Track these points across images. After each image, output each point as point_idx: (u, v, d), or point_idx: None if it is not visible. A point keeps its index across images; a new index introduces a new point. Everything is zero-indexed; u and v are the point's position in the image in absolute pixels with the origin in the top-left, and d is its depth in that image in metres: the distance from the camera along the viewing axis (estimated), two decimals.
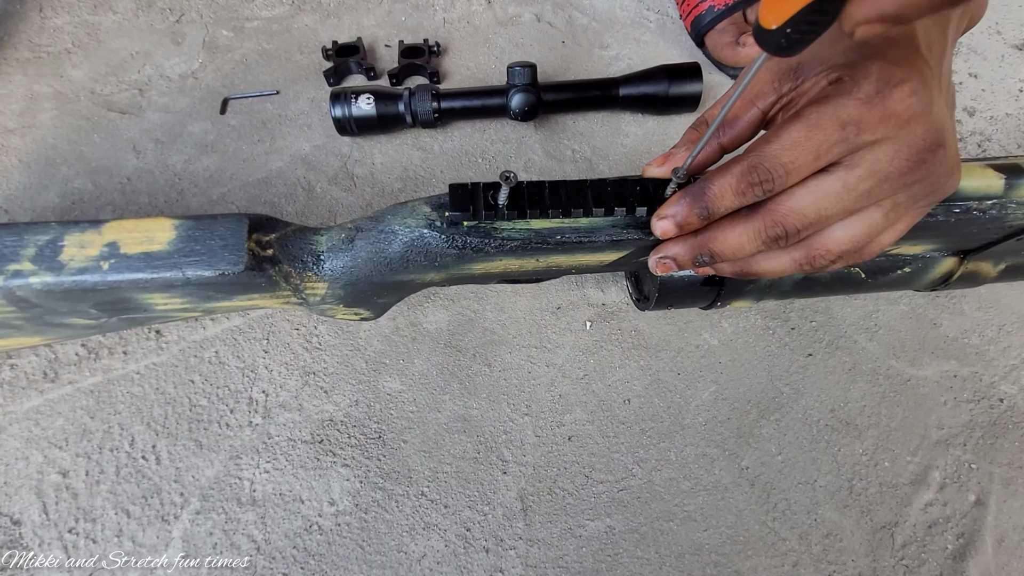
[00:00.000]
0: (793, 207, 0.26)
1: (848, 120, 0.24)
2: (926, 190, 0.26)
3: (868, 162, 0.24)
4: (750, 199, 0.26)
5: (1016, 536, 0.44)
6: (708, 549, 0.43)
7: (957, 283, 0.44)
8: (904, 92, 0.24)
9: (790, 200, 0.26)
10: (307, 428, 0.46)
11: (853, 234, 0.26)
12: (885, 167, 0.24)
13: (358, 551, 0.43)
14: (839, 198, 0.25)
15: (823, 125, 0.24)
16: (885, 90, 0.24)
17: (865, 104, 0.24)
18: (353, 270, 0.35)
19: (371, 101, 0.54)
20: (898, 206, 0.26)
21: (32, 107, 0.59)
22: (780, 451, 0.46)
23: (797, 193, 0.26)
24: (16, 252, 0.31)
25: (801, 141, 0.24)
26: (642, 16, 0.68)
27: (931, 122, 0.24)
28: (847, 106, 0.24)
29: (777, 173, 0.25)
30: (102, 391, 0.47)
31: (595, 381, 0.48)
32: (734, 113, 0.29)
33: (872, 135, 0.24)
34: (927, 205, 0.27)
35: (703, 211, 0.27)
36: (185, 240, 0.32)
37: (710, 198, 0.27)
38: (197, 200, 0.55)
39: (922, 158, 0.24)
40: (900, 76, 0.24)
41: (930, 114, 0.24)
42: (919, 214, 0.28)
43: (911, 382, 0.49)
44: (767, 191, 0.26)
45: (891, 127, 0.24)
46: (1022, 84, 0.64)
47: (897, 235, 0.28)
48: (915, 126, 0.24)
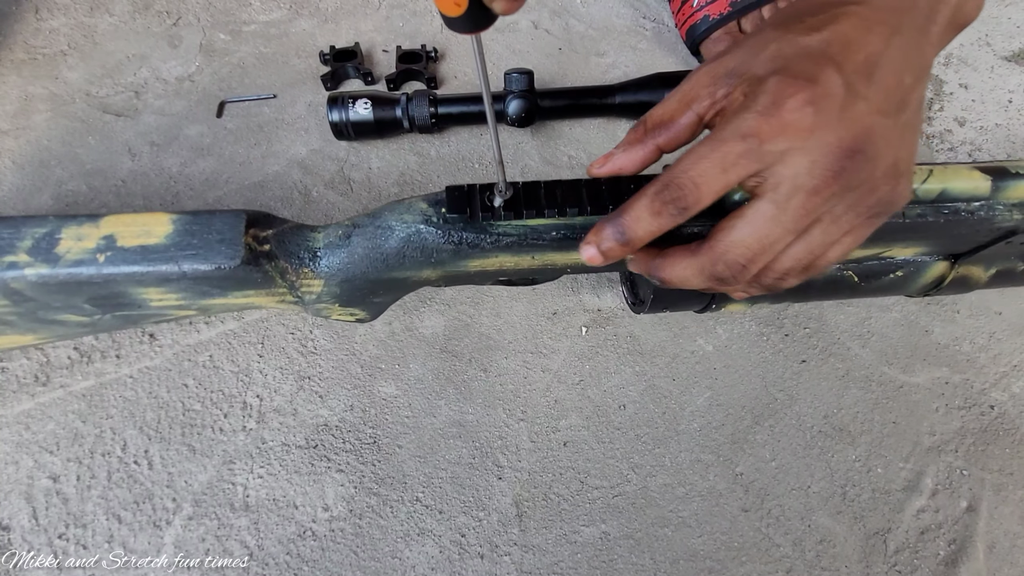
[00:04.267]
0: (732, 240, 0.26)
1: (748, 132, 0.24)
2: (865, 199, 0.25)
3: (789, 177, 0.24)
4: (667, 220, 0.26)
5: (1007, 542, 0.45)
6: (703, 555, 0.43)
7: (949, 288, 0.45)
8: (797, 103, 0.24)
9: (729, 234, 0.26)
10: (301, 433, 0.46)
11: (794, 253, 0.26)
12: (807, 179, 0.24)
13: (352, 557, 0.42)
14: (776, 220, 0.25)
15: (725, 138, 0.25)
16: (779, 101, 0.24)
17: (762, 116, 0.24)
18: (349, 266, 0.35)
19: (368, 106, 0.54)
20: (838, 219, 0.26)
21: (27, 108, 0.59)
22: (774, 457, 0.47)
23: (736, 224, 0.26)
24: (12, 244, 0.31)
25: (706, 154, 0.25)
26: (638, 24, 0.68)
27: (844, 129, 0.24)
28: (747, 119, 0.24)
29: (687, 188, 0.25)
30: (94, 395, 0.46)
31: (590, 387, 0.48)
32: (671, 115, 0.29)
33: (775, 145, 0.24)
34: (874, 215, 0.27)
35: (620, 235, 0.27)
36: (182, 234, 0.32)
37: (626, 222, 0.27)
38: (192, 203, 0.55)
39: (841, 165, 0.24)
40: (794, 88, 0.24)
41: (840, 121, 0.24)
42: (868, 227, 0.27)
43: (903, 389, 0.49)
44: (681, 208, 0.26)
45: (793, 137, 0.24)
46: (1011, 95, 0.65)
47: (846, 249, 0.27)
48: (824, 134, 0.24)
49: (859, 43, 0.25)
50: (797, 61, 0.25)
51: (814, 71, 0.24)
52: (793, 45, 0.25)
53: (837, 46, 0.25)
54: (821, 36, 0.25)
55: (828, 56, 0.24)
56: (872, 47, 0.25)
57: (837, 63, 0.24)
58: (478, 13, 0.21)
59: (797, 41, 0.25)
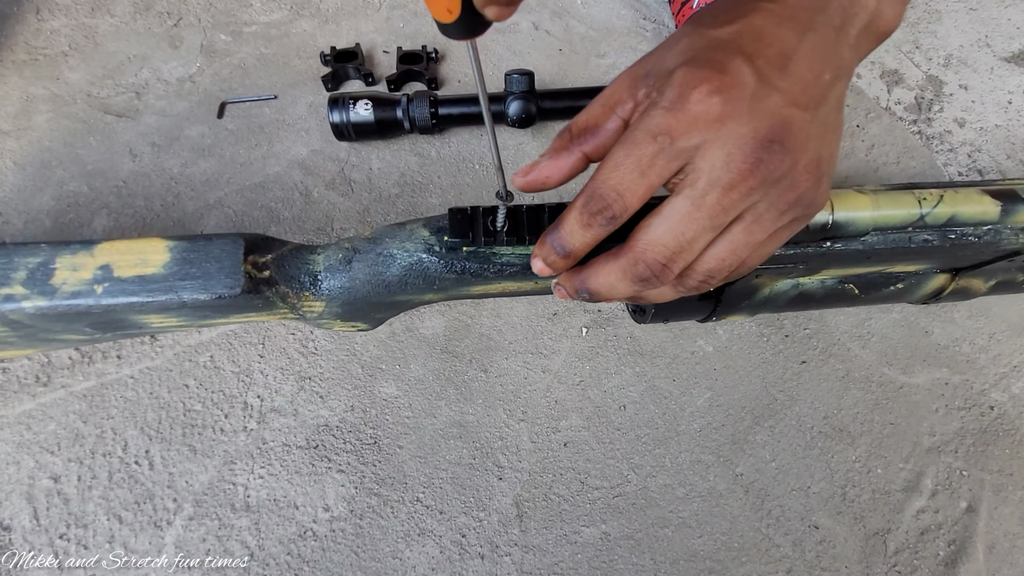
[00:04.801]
0: (650, 239, 0.25)
1: (658, 129, 0.23)
2: (786, 196, 0.24)
3: (705, 171, 0.23)
4: (599, 230, 0.25)
5: (1007, 543, 0.45)
6: (703, 555, 0.43)
7: (948, 297, 0.45)
8: (702, 92, 0.23)
9: (646, 233, 0.25)
10: (302, 433, 0.46)
11: (717, 252, 0.26)
12: (723, 173, 0.23)
13: (353, 557, 0.42)
14: (692, 217, 0.24)
15: (638, 140, 0.24)
16: (684, 93, 0.23)
17: (669, 111, 0.23)
18: (351, 291, 0.35)
19: (369, 107, 0.54)
20: (760, 218, 0.25)
21: (28, 109, 0.59)
22: (774, 458, 0.47)
23: (652, 223, 0.25)
24: (7, 275, 0.31)
25: (622, 160, 0.24)
26: (639, 25, 0.68)
27: (757, 119, 0.23)
28: (655, 117, 0.24)
29: (610, 198, 0.24)
30: (95, 395, 0.46)
31: (591, 387, 0.49)
32: (596, 120, 0.28)
33: (688, 140, 0.23)
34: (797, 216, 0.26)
35: (560, 248, 0.27)
36: (180, 263, 0.32)
37: (562, 236, 0.26)
38: (193, 204, 0.55)
39: (758, 157, 0.23)
40: (700, 77, 0.23)
41: (753, 111, 0.23)
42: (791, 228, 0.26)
43: (903, 389, 0.49)
44: (609, 218, 0.25)
45: (704, 129, 0.23)
46: (1011, 96, 0.65)
47: (769, 250, 0.27)
48: (736, 124, 0.23)
49: (772, 36, 0.24)
50: (705, 52, 0.24)
51: (722, 60, 0.23)
52: (704, 38, 0.25)
53: (748, 38, 0.24)
54: (732, 28, 0.24)
55: (738, 47, 0.24)
56: (785, 41, 0.24)
57: (747, 53, 0.24)
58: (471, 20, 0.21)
59: (707, 34, 0.25)
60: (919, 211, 0.35)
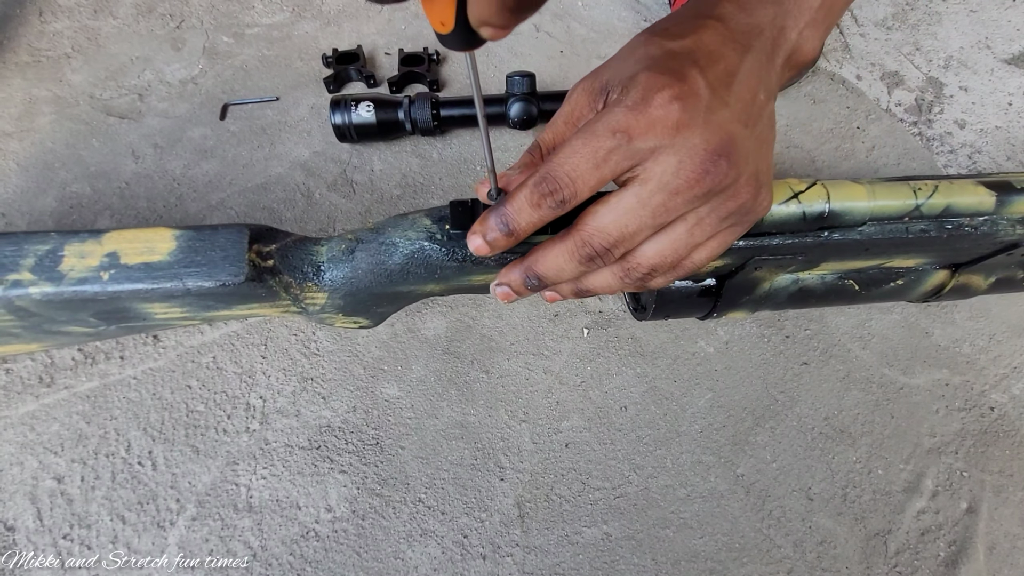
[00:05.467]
0: (596, 226, 0.27)
1: (617, 127, 0.25)
2: (728, 204, 0.26)
3: (656, 175, 0.25)
4: (546, 211, 0.27)
5: (1007, 543, 0.45)
6: (704, 556, 0.44)
7: (949, 295, 0.45)
8: (664, 97, 0.24)
9: (594, 220, 0.27)
10: (305, 434, 0.46)
11: (660, 248, 0.27)
12: (672, 179, 0.25)
13: (355, 558, 0.43)
14: (636, 213, 0.26)
15: (597, 132, 0.25)
16: (647, 96, 0.25)
17: (631, 110, 0.25)
18: (353, 281, 0.35)
19: (371, 108, 0.54)
20: (702, 221, 0.27)
21: (31, 111, 0.59)
22: (775, 458, 0.47)
23: (600, 211, 0.27)
24: (15, 262, 0.31)
25: (579, 148, 0.25)
26: (639, 27, 0.69)
27: (709, 132, 0.25)
28: (617, 114, 0.25)
29: (563, 182, 0.26)
30: (98, 396, 0.47)
31: (592, 388, 0.49)
32: (560, 137, 0.29)
33: (644, 142, 0.25)
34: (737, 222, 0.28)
35: (503, 226, 0.28)
36: (185, 251, 0.32)
37: (508, 213, 0.27)
38: (196, 205, 0.55)
39: (705, 168, 0.25)
40: (662, 83, 0.25)
41: (706, 124, 0.25)
42: (731, 233, 0.28)
43: (904, 390, 0.50)
44: (559, 201, 0.26)
45: (660, 134, 0.24)
46: (1011, 97, 0.66)
47: (710, 252, 0.28)
48: (689, 134, 0.24)
49: (719, 54, 0.26)
50: (664, 59, 0.26)
51: (681, 69, 0.25)
52: (660, 47, 0.26)
53: (701, 53, 0.26)
54: (685, 42, 0.26)
55: (693, 59, 0.25)
56: (729, 60, 0.26)
57: (701, 67, 0.25)
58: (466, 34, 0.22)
59: (664, 45, 0.26)
60: (915, 201, 0.35)
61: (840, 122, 0.63)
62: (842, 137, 0.62)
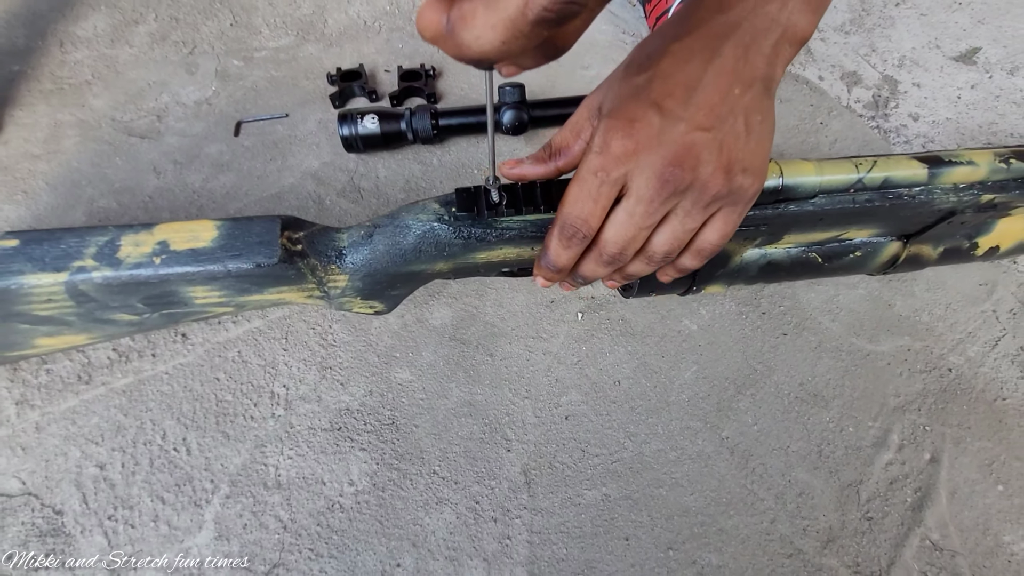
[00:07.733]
0: (605, 238, 0.34)
1: (596, 168, 0.31)
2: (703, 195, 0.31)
3: (634, 190, 0.31)
4: (576, 248, 0.34)
5: (967, 488, 0.49)
6: (694, 511, 0.48)
7: (904, 266, 0.50)
8: (618, 138, 0.30)
9: (602, 234, 0.34)
10: (326, 417, 0.50)
11: (665, 238, 0.34)
12: (645, 191, 0.31)
13: (377, 526, 0.47)
14: (628, 223, 0.32)
15: (584, 178, 0.32)
16: (608, 139, 0.31)
17: (599, 154, 0.31)
18: (371, 262, 0.40)
19: (375, 120, 0.59)
20: (689, 212, 0.32)
21: (56, 134, 0.63)
22: (756, 422, 0.51)
23: (606, 228, 0.33)
24: (80, 251, 0.36)
25: (579, 196, 0.32)
26: (618, 39, 0.74)
27: (664, 148, 0.30)
28: (591, 160, 0.31)
29: (579, 224, 0.33)
30: (134, 391, 0.51)
31: (588, 366, 0.53)
32: (567, 143, 0.37)
33: (618, 171, 0.31)
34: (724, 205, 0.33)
35: (553, 267, 0.36)
36: (226, 238, 0.37)
37: (551, 259, 0.35)
38: (216, 215, 0.59)
39: (664, 177, 0.30)
40: (617, 126, 0.30)
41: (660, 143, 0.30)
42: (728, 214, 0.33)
43: (870, 357, 0.55)
44: (583, 238, 0.33)
45: (626, 162, 0.30)
46: (960, 92, 0.72)
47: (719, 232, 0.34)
48: (647, 155, 0.30)
49: (677, 76, 0.30)
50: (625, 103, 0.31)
51: (634, 111, 0.30)
52: (628, 85, 0.32)
53: (657, 82, 0.30)
54: (646, 76, 0.31)
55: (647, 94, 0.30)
56: (690, 76, 0.30)
57: (653, 100, 0.30)
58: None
59: (631, 82, 0.32)
60: (857, 175, 0.40)
61: (805, 119, 0.69)
62: (807, 132, 0.68)
